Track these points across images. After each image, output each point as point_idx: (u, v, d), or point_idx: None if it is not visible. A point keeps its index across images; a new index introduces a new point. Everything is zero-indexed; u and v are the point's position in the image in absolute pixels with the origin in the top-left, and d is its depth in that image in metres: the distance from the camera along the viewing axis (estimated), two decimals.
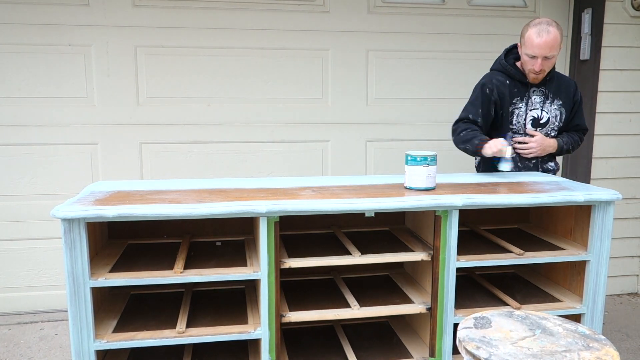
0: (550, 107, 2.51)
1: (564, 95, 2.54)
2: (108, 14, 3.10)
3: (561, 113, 2.53)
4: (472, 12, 3.48)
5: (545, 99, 2.50)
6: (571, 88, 2.58)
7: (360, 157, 3.49)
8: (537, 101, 2.49)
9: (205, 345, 2.04)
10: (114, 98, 3.16)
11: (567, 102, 2.55)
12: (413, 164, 1.98)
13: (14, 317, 3.22)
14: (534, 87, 2.50)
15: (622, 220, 3.59)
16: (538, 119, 2.50)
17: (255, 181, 2.20)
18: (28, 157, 3.13)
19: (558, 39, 2.35)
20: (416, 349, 2.06)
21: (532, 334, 1.36)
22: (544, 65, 2.37)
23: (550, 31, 2.32)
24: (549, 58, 2.36)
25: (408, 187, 2.01)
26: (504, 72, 2.51)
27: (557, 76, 2.57)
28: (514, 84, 2.49)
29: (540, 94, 2.49)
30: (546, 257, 2.02)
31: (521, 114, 2.50)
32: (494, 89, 2.47)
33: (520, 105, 2.49)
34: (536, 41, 2.33)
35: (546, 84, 2.51)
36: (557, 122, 2.53)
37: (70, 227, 1.65)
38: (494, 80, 2.50)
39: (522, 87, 2.49)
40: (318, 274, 2.31)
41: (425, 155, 1.98)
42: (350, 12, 3.34)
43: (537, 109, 2.49)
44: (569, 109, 2.57)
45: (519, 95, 2.49)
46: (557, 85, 2.54)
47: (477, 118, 2.47)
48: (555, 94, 2.52)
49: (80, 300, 1.69)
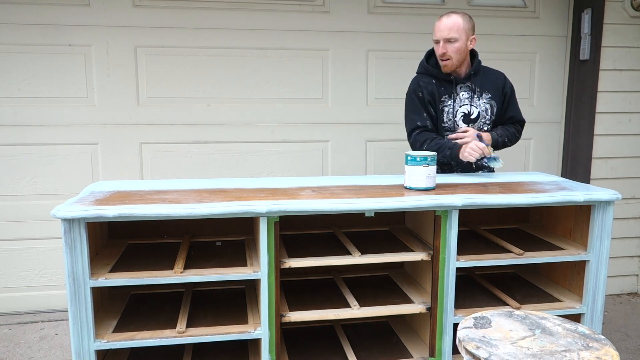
0: (479, 101, 2.49)
1: (493, 88, 2.53)
2: (108, 14, 3.10)
3: (491, 106, 2.52)
4: (472, 12, 3.48)
5: (472, 93, 2.48)
6: (500, 80, 2.57)
7: (360, 157, 3.50)
8: (465, 97, 2.47)
9: (205, 345, 2.04)
10: (114, 98, 3.17)
11: (497, 94, 2.53)
12: (413, 164, 1.99)
13: (14, 317, 3.22)
14: (460, 83, 2.48)
15: (622, 220, 3.59)
16: (468, 114, 2.48)
17: (255, 181, 2.20)
18: (28, 157, 3.13)
19: (459, 23, 2.37)
20: (416, 349, 2.06)
21: (531, 334, 1.36)
22: (446, 48, 2.37)
23: (451, 15, 2.38)
24: (451, 41, 2.37)
25: (408, 187, 2.01)
26: (427, 74, 2.51)
27: (483, 70, 2.56)
28: (439, 84, 2.48)
29: (467, 89, 2.48)
30: (546, 257, 2.02)
31: (450, 111, 2.47)
32: (423, 91, 2.46)
33: (449, 103, 2.47)
34: (436, 24, 2.40)
35: (471, 78, 2.49)
36: (488, 115, 2.51)
37: (71, 227, 1.65)
38: (420, 82, 2.49)
39: (448, 85, 2.48)
40: (318, 274, 2.31)
41: (425, 156, 1.98)
42: (350, 12, 3.35)
43: (466, 105, 2.47)
44: (500, 101, 2.55)
45: (446, 93, 2.47)
46: (483, 78, 2.53)
47: (426, 122, 2.45)
48: (482, 87, 2.51)
49: (81, 300, 1.69)
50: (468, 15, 2.45)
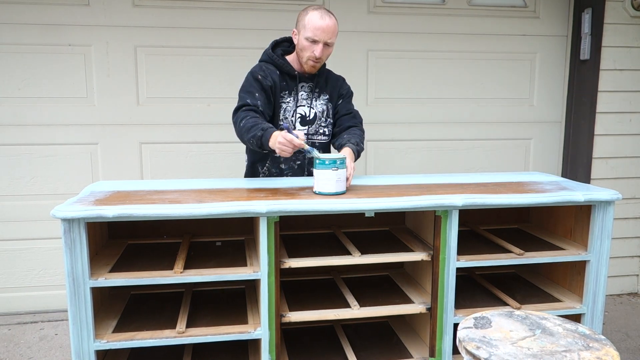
0: (316, 102, 2.35)
1: (331, 89, 2.40)
2: (108, 14, 3.10)
3: (328, 108, 2.38)
4: (472, 12, 3.48)
5: (311, 94, 2.34)
6: (338, 82, 2.44)
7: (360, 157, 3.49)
8: (304, 97, 2.32)
9: (205, 345, 2.04)
10: (114, 98, 3.16)
11: (334, 96, 2.40)
12: (322, 168, 1.88)
13: (14, 317, 3.22)
14: (302, 82, 2.32)
15: (622, 220, 3.59)
16: (305, 116, 2.32)
17: (255, 181, 2.20)
18: (28, 157, 3.13)
19: (337, 27, 2.23)
20: (416, 349, 2.06)
21: (532, 334, 1.36)
22: (323, 52, 2.21)
23: (332, 17, 2.21)
24: (329, 45, 2.23)
25: (317, 192, 1.91)
26: (272, 63, 2.30)
27: (326, 72, 2.42)
28: (282, 77, 2.29)
29: (307, 89, 2.33)
30: (546, 257, 2.02)
31: (289, 110, 2.30)
32: (267, 76, 2.25)
33: (289, 100, 2.30)
34: (319, 23, 2.17)
35: (314, 78, 2.34)
36: (324, 117, 2.36)
37: (70, 227, 1.65)
38: (264, 67, 2.29)
39: (291, 81, 2.30)
40: (318, 274, 2.31)
41: (334, 159, 1.87)
42: (350, 12, 3.34)
43: (304, 106, 2.32)
44: (335, 103, 2.42)
45: (287, 89, 2.30)
46: (325, 80, 2.39)
47: (256, 102, 2.21)
48: (322, 88, 2.37)
49: (80, 300, 1.69)
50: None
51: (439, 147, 3.56)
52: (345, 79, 2.50)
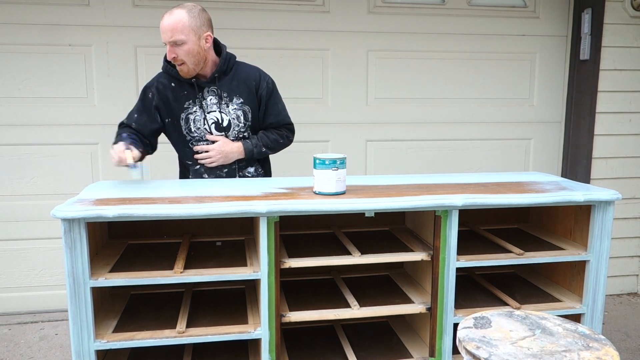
0: (228, 108, 2.21)
1: (244, 92, 2.23)
2: (108, 14, 3.10)
3: (245, 112, 2.23)
4: (472, 12, 3.48)
5: (219, 100, 2.19)
6: (253, 82, 2.24)
7: (360, 157, 3.50)
8: (212, 102, 2.18)
9: (205, 345, 2.04)
10: (114, 98, 3.17)
11: (250, 99, 2.24)
12: (322, 168, 1.88)
13: (14, 317, 3.22)
14: (205, 87, 2.19)
15: (622, 220, 3.59)
16: (218, 122, 2.21)
17: (255, 181, 2.20)
18: (28, 157, 3.13)
19: (184, 21, 2.05)
20: (416, 349, 2.06)
21: (532, 334, 1.36)
22: (175, 52, 2.08)
23: (174, 13, 2.06)
24: (178, 44, 2.07)
25: (317, 192, 1.90)
26: (168, 73, 2.21)
27: (237, 69, 2.25)
28: (181, 87, 2.19)
29: (213, 94, 2.18)
30: (546, 257, 2.02)
31: (199, 119, 2.20)
32: (155, 94, 2.21)
33: (195, 109, 2.18)
34: (161, 25, 2.07)
35: (216, 81, 2.19)
36: (241, 123, 2.24)
37: (71, 227, 1.65)
38: (156, 83, 2.22)
39: (192, 89, 2.19)
40: (318, 274, 2.31)
41: (334, 159, 1.87)
42: (350, 12, 3.35)
43: (215, 111, 2.19)
44: (255, 106, 2.25)
45: (190, 98, 2.18)
46: (233, 82, 2.22)
47: (130, 122, 2.23)
48: (230, 92, 2.21)
49: (80, 300, 1.69)
50: (199, 7, 2.13)
51: (438, 147, 3.56)
52: (260, 70, 2.31)
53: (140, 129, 2.24)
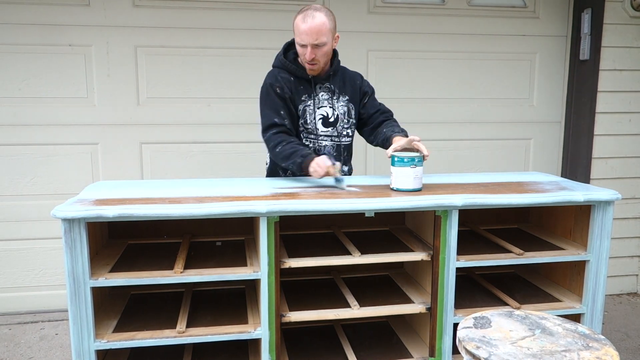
0: (337, 103, 2.31)
1: (350, 89, 2.36)
2: (108, 14, 3.10)
3: (349, 109, 2.34)
4: (472, 12, 3.48)
5: (332, 95, 2.30)
6: (357, 81, 2.40)
7: (360, 157, 3.49)
8: (324, 98, 2.29)
9: (205, 345, 2.04)
10: (114, 98, 3.17)
11: (354, 96, 2.37)
12: (400, 165, 1.95)
13: (14, 317, 3.22)
14: (319, 83, 2.29)
15: (622, 220, 3.59)
16: (327, 117, 2.29)
17: (255, 181, 2.20)
18: (28, 157, 3.13)
19: (326, 24, 2.13)
20: (416, 349, 2.06)
21: (531, 334, 1.36)
22: (315, 53, 2.15)
23: (316, 16, 2.12)
24: (319, 46, 2.14)
25: (395, 189, 1.97)
26: (285, 69, 2.27)
27: (342, 70, 2.38)
28: (298, 81, 2.26)
29: (326, 90, 2.29)
30: (546, 257, 2.02)
31: (311, 112, 2.27)
32: (283, 87, 2.23)
33: (310, 103, 2.27)
34: (302, 27, 2.12)
35: (330, 79, 2.30)
36: (346, 119, 2.34)
37: (71, 227, 1.65)
38: (279, 77, 2.26)
39: (307, 84, 2.27)
40: (318, 274, 2.31)
41: (412, 157, 1.95)
42: (350, 12, 3.34)
43: (325, 107, 2.28)
44: (357, 102, 2.38)
45: (306, 93, 2.27)
46: (342, 80, 2.35)
47: (283, 121, 2.22)
48: (341, 89, 2.33)
49: (81, 300, 1.69)
50: (330, 10, 2.21)
51: (439, 147, 3.56)
52: (362, 75, 2.49)
53: (291, 126, 2.25)
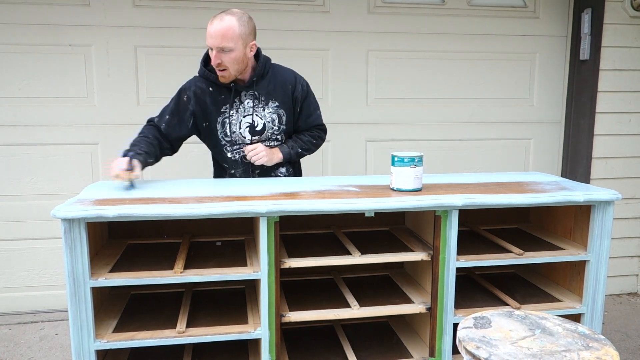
0: (264, 111, 2.20)
1: (281, 94, 2.22)
2: (108, 14, 3.10)
3: (279, 116, 2.23)
4: (472, 12, 3.48)
5: (257, 102, 2.19)
6: (289, 85, 2.25)
7: (360, 157, 3.50)
8: (249, 106, 2.18)
9: (205, 345, 2.04)
10: (114, 98, 3.17)
11: (286, 102, 2.24)
12: (400, 165, 1.94)
13: (14, 317, 3.22)
14: (243, 90, 2.19)
15: (622, 220, 3.59)
16: (253, 125, 2.20)
17: (255, 181, 2.20)
18: (28, 157, 3.13)
19: (234, 29, 2.04)
20: (416, 349, 2.06)
21: (531, 334, 1.36)
22: (220, 58, 2.06)
23: (225, 19, 2.04)
24: (225, 51, 2.06)
25: (395, 189, 1.96)
26: (206, 78, 2.20)
27: (272, 73, 2.25)
28: (219, 91, 2.18)
29: (251, 97, 2.18)
30: (546, 257, 2.02)
31: (235, 123, 2.19)
32: (191, 98, 2.19)
33: (232, 113, 2.18)
34: (208, 29, 2.05)
35: (254, 85, 2.19)
36: (275, 127, 2.23)
37: (71, 227, 1.65)
38: (194, 87, 2.20)
39: (230, 93, 2.18)
40: (318, 274, 2.31)
41: (412, 156, 1.93)
42: (350, 12, 3.35)
43: (251, 115, 2.18)
44: (289, 109, 2.25)
45: (227, 102, 2.18)
46: (270, 85, 2.22)
47: (161, 123, 2.22)
48: (268, 95, 2.21)
49: (81, 300, 1.69)
50: (247, 15, 2.14)
51: (439, 147, 3.56)
52: (295, 72, 2.32)
53: (168, 132, 2.24)
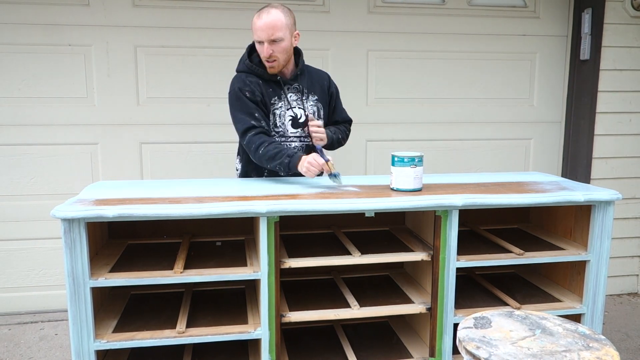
0: (307, 104, 2.30)
1: (319, 89, 2.35)
2: (108, 14, 3.10)
3: (318, 109, 2.34)
4: (472, 12, 3.48)
5: (300, 95, 2.29)
6: (324, 81, 2.39)
7: (360, 157, 3.49)
8: (293, 99, 2.27)
9: (205, 345, 2.04)
10: (114, 98, 3.16)
11: (323, 96, 2.37)
12: (400, 165, 1.94)
13: (14, 317, 3.22)
14: (287, 84, 2.28)
15: (622, 220, 3.59)
16: (296, 118, 2.27)
17: (255, 181, 2.20)
18: (28, 157, 3.13)
19: (282, 19, 2.13)
20: (416, 349, 2.06)
21: (532, 334, 1.36)
22: (272, 49, 2.14)
23: (271, 12, 2.13)
24: (276, 41, 2.13)
25: (395, 189, 1.97)
26: (252, 72, 2.25)
27: (308, 70, 2.38)
28: (266, 84, 2.25)
29: (295, 91, 2.28)
30: (546, 257, 2.02)
31: (282, 114, 2.26)
32: (254, 90, 2.22)
33: (280, 105, 2.26)
34: (257, 24, 2.14)
35: (298, 79, 2.29)
36: (315, 118, 2.32)
37: (71, 227, 1.65)
38: (247, 81, 2.24)
39: (276, 86, 2.26)
40: (318, 274, 2.31)
41: (412, 156, 1.94)
42: (350, 12, 3.34)
43: (295, 107, 2.27)
44: (326, 103, 2.38)
45: (275, 95, 2.25)
46: (309, 79, 2.34)
47: (260, 123, 2.20)
48: (309, 89, 2.32)
49: (80, 300, 1.69)
50: (288, 8, 2.22)
51: (439, 147, 3.56)
52: (327, 73, 2.47)
53: (269, 127, 2.23)
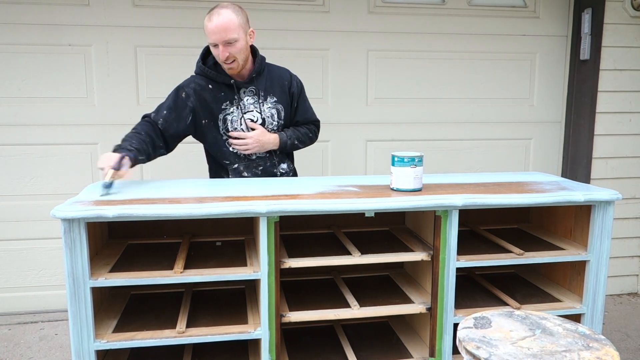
0: (263, 106, 2.26)
1: (278, 90, 2.30)
2: (108, 14, 3.10)
3: (278, 111, 2.29)
4: (472, 12, 3.48)
5: (257, 98, 2.24)
6: (285, 81, 2.33)
7: (360, 157, 3.50)
8: (249, 102, 2.23)
9: (205, 345, 2.04)
10: (114, 98, 3.17)
11: (283, 97, 2.31)
12: (400, 165, 1.94)
13: (14, 317, 3.22)
14: (242, 87, 2.24)
15: (622, 220, 3.59)
16: (253, 121, 2.25)
17: (255, 181, 2.20)
18: (28, 157, 3.13)
19: (234, 20, 2.09)
20: (416, 349, 2.06)
21: (532, 334, 1.36)
22: (228, 51, 2.11)
23: (222, 13, 2.08)
24: (231, 42, 2.10)
25: (395, 189, 1.96)
26: (205, 75, 2.23)
27: (269, 69, 2.32)
28: (219, 88, 2.21)
29: (251, 94, 2.24)
30: (546, 257, 2.02)
31: (235, 119, 2.23)
32: (191, 95, 2.20)
33: (232, 110, 2.23)
34: (209, 27, 2.09)
35: (254, 81, 2.25)
36: (274, 121, 2.29)
37: (70, 227, 1.65)
38: (192, 84, 2.22)
39: (229, 90, 2.22)
40: (318, 274, 2.31)
41: (412, 156, 1.93)
42: (350, 12, 3.35)
43: (252, 111, 2.23)
44: (287, 104, 2.32)
45: (227, 99, 2.22)
46: (268, 80, 2.28)
47: (158, 118, 2.20)
48: (267, 90, 2.27)
49: (80, 300, 1.69)
50: (238, 5, 2.17)
51: (439, 147, 3.56)
52: (289, 70, 2.40)
53: (166, 127, 2.22)
